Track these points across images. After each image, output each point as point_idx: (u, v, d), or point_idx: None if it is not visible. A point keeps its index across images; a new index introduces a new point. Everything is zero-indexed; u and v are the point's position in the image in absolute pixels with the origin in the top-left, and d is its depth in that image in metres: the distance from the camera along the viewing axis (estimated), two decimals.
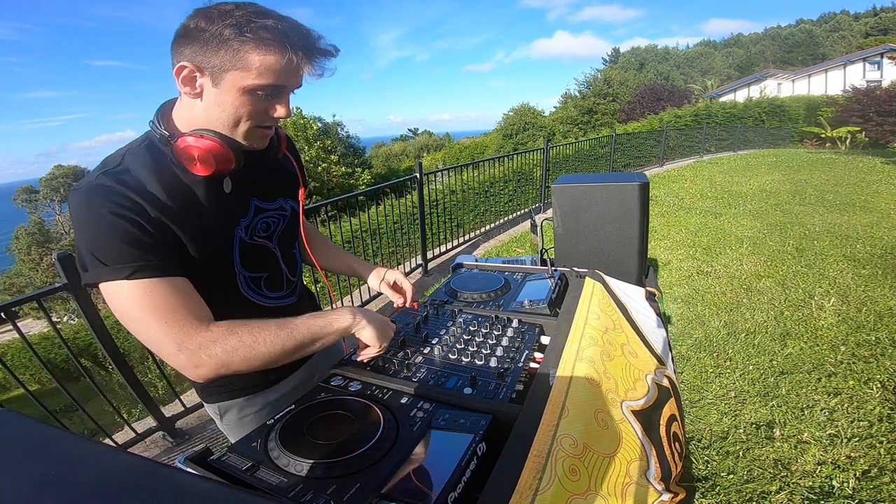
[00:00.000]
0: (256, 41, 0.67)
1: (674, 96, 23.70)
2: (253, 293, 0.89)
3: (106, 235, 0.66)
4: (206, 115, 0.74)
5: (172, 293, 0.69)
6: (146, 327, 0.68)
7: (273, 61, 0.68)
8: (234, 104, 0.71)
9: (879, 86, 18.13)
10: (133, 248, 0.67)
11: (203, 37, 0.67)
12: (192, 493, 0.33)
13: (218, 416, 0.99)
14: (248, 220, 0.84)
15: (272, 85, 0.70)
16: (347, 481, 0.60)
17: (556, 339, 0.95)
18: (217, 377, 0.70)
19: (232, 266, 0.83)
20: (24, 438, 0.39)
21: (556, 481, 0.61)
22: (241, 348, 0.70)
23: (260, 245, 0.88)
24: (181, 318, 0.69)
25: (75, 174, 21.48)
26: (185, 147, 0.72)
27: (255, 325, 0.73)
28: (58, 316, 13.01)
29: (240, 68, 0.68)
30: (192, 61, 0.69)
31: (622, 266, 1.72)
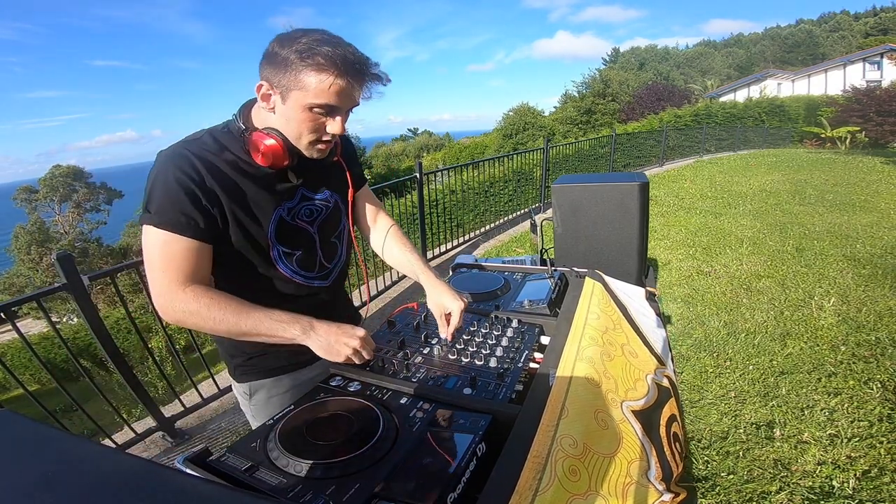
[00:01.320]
0: (314, 66, 0.79)
1: (674, 96, 23.68)
2: (285, 267, 0.98)
3: (162, 192, 0.82)
4: (278, 126, 0.87)
5: (180, 251, 0.83)
6: (150, 269, 0.85)
7: (326, 84, 0.80)
8: (297, 119, 0.85)
9: (879, 86, 18.12)
10: (173, 206, 0.82)
11: (276, 60, 0.81)
12: (191, 494, 0.33)
13: (247, 397, 1.06)
14: (293, 203, 0.97)
15: (327, 104, 0.83)
16: (347, 482, 0.60)
17: (555, 339, 0.95)
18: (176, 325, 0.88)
19: (266, 238, 0.93)
20: (23, 439, 0.38)
21: (556, 481, 0.61)
22: (195, 317, 0.83)
23: (301, 227, 0.99)
24: (173, 273, 0.83)
25: (74, 174, 21.44)
26: (256, 141, 0.87)
27: (217, 303, 0.84)
28: (58, 316, 13.00)
29: (300, 88, 0.81)
30: (268, 80, 0.83)
31: (622, 266, 1.72)
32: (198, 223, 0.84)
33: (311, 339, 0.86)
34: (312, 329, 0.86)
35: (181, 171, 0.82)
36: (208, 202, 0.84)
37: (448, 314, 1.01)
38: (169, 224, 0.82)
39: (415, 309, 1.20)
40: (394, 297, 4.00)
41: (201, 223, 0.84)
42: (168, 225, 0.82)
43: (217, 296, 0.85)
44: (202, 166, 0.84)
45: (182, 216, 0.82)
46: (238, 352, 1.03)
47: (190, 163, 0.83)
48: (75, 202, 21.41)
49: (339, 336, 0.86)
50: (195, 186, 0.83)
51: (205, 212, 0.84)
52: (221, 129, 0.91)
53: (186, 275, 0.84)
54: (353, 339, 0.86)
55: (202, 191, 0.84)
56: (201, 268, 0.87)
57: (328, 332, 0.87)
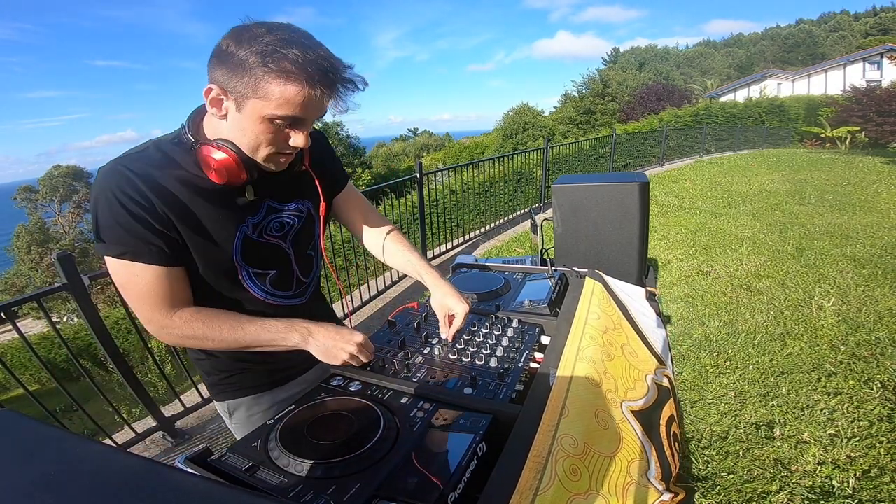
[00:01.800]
0: (279, 73, 0.68)
1: (674, 96, 23.67)
2: (258, 289, 0.91)
3: (109, 216, 0.74)
4: (229, 135, 0.77)
5: (152, 279, 0.78)
6: (128, 299, 0.81)
7: (293, 94, 0.69)
8: (255, 130, 0.74)
9: (879, 86, 18.11)
10: (127, 233, 0.74)
11: (231, 61, 0.69)
12: (192, 493, 0.33)
13: (227, 414, 1.02)
14: (259, 218, 0.87)
15: (291, 116, 0.72)
16: (347, 481, 0.60)
17: (556, 339, 0.95)
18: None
19: (231, 261, 0.85)
20: (24, 438, 0.38)
21: (557, 481, 0.61)
22: (194, 340, 0.82)
23: (271, 244, 0.90)
24: (153, 301, 0.79)
25: (74, 174, 21.44)
26: (206, 156, 0.77)
27: (210, 323, 0.82)
28: (58, 316, 13.01)
29: (261, 97, 0.70)
30: (219, 84, 0.72)
31: (622, 266, 1.72)
32: (160, 248, 0.76)
33: (310, 345, 0.86)
34: (311, 335, 0.85)
35: (123, 194, 0.72)
36: (162, 226, 0.76)
37: (451, 315, 0.99)
38: (128, 254, 0.75)
39: (415, 309, 1.20)
40: (394, 297, 4.01)
41: (164, 248, 0.77)
42: (128, 255, 0.75)
43: (208, 317, 0.82)
44: (147, 187, 0.74)
45: (139, 243, 0.75)
46: (215, 370, 0.98)
47: (133, 185, 0.73)
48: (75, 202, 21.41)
49: (336, 341, 0.85)
50: (143, 211, 0.74)
51: (161, 235, 0.76)
52: (171, 141, 0.81)
53: (167, 301, 0.80)
54: (350, 344, 0.85)
55: (152, 215, 0.74)
56: (179, 290, 0.81)
57: (326, 336, 0.86)
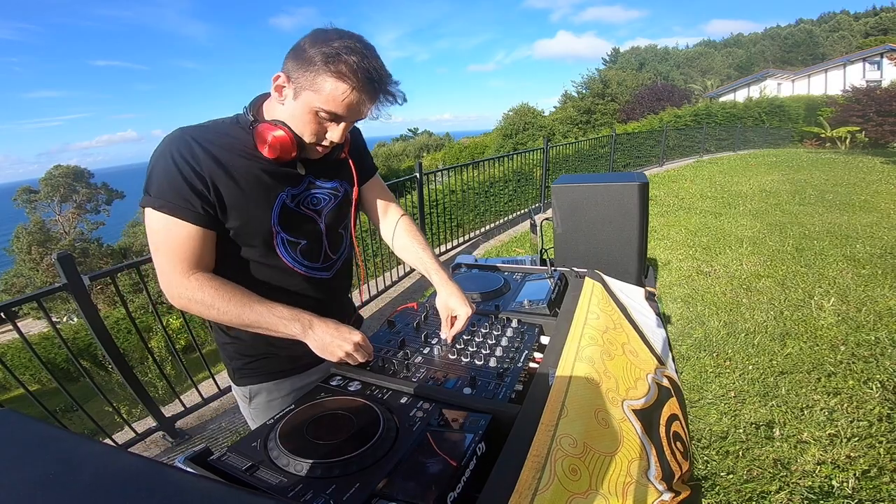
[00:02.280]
0: (335, 73, 0.78)
1: (674, 96, 23.66)
2: (288, 256, 0.96)
3: (162, 173, 0.82)
4: (283, 118, 0.86)
5: (181, 236, 0.83)
6: (154, 252, 0.86)
7: (340, 93, 0.80)
8: (302, 119, 0.84)
9: (879, 86, 18.11)
10: (171, 190, 0.82)
11: (302, 56, 0.80)
12: (192, 493, 0.33)
13: (247, 399, 1.05)
14: (299, 190, 0.95)
15: (334, 112, 0.82)
16: (347, 481, 0.60)
17: (555, 339, 0.96)
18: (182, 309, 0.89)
19: (269, 224, 0.91)
20: (25, 438, 0.39)
21: (556, 481, 0.61)
22: (200, 305, 0.85)
23: (306, 215, 0.97)
24: (176, 258, 0.84)
25: (75, 174, 21.44)
26: (262, 132, 0.85)
27: (222, 293, 0.85)
28: (58, 316, 13.01)
29: (315, 91, 0.80)
30: (287, 73, 0.82)
31: (622, 266, 1.72)
32: (197, 209, 0.83)
33: (308, 338, 0.87)
34: (311, 328, 0.87)
35: (180, 156, 0.82)
36: (205, 188, 0.83)
37: (454, 317, 1.00)
38: (169, 208, 0.82)
39: (415, 309, 1.20)
40: (394, 296, 4.01)
41: (200, 209, 0.83)
42: (168, 209, 0.82)
43: (221, 286, 0.86)
44: (201, 151, 0.83)
45: (182, 200, 0.82)
46: (239, 355, 1.02)
47: (189, 147, 0.83)
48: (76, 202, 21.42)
49: (334, 337, 0.86)
50: (193, 172, 0.82)
51: (203, 198, 0.83)
52: (230, 121, 0.91)
53: (190, 261, 0.85)
54: (348, 342, 0.86)
55: (199, 177, 0.83)
56: (204, 254, 0.87)
57: (325, 331, 0.87)
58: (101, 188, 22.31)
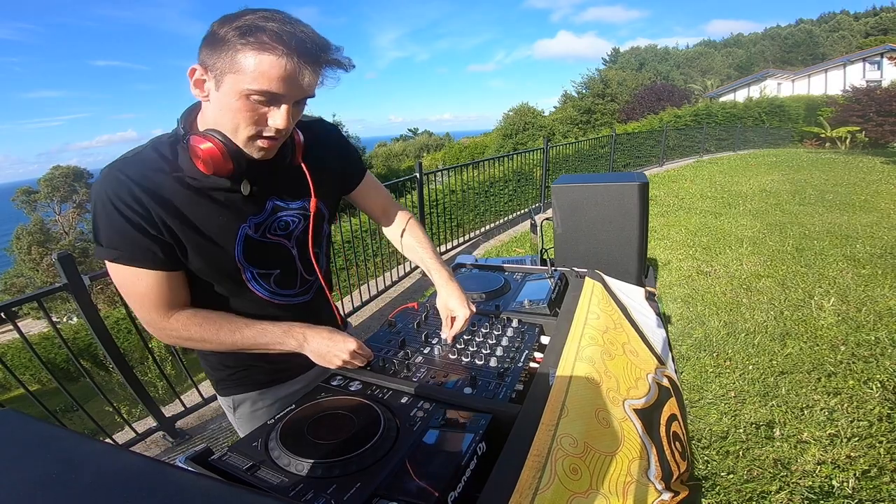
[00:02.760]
0: (255, 45, 0.66)
1: (674, 96, 23.67)
2: (261, 289, 0.90)
3: (106, 221, 0.75)
4: (213, 119, 0.76)
5: (148, 284, 0.79)
6: (127, 300, 0.84)
7: (267, 66, 0.67)
8: (233, 108, 0.72)
9: (879, 86, 18.11)
10: (122, 239, 0.75)
11: (213, 39, 0.69)
12: (193, 492, 0.33)
13: (231, 409, 1.03)
14: (262, 218, 0.86)
15: (267, 91, 0.69)
16: (347, 481, 0.60)
17: (555, 338, 0.96)
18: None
19: (234, 261, 0.84)
20: (25, 438, 0.39)
21: (557, 480, 0.61)
22: (190, 342, 0.84)
23: (274, 242, 0.89)
24: (150, 304, 0.81)
25: (74, 174, 21.44)
26: (193, 146, 0.75)
27: (207, 327, 0.83)
28: (58, 316, 13.01)
29: (236, 71, 0.68)
30: (202, 64, 0.71)
31: (622, 266, 1.72)
32: (156, 254, 0.77)
33: (306, 350, 0.87)
34: (306, 341, 0.86)
35: (120, 201, 0.73)
36: (157, 231, 0.76)
37: (454, 317, 0.99)
38: (126, 259, 0.76)
39: (415, 309, 1.20)
40: (394, 296, 4.01)
41: (160, 253, 0.77)
42: (125, 260, 0.76)
43: (204, 320, 0.83)
44: (143, 192, 0.74)
45: (136, 249, 0.75)
46: (222, 366, 0.99)
47: (128, 189, 0.73)
48: (76, 202, 21.42)
49: (330, 347, 0.86)
50: (137, 215, 0.74)
51: (158, 241, 0.76)
52: (168, 140, 0.80)
53: (164, 305, 0.81)
54: (344, 352, 0.86)
55: (147, 221, 0.74)
56: (178, 293, 0.83)
57: (320, 342, 0.86)
58: None
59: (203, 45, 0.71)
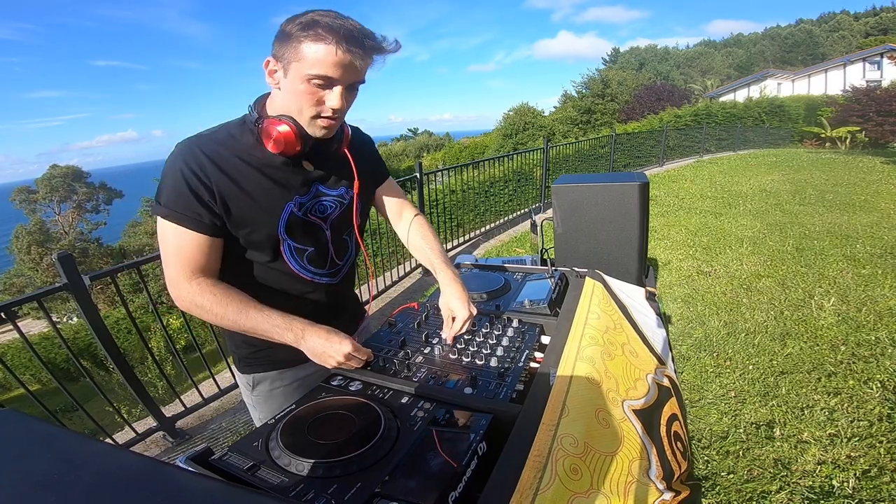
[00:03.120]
0: (313, 36, 0.79)
1: (674, 96, 23.66)
2: (295, 263, 0.98)
3: (171, 184, 0.86)
4: (283, 103, 0.88)
5: (187, 243, 0.87)
6: (162, 256, 0.90)
7: (323, 54, 0.79)
8: (297, 91, 0.84)
9: (879, 86, 18.12)
10: (180, 201, 0.85)
11: (282, 35, 0.82)
12: (194, 492, 0.33)
13: (249, 388, 1.08)
14: (306, 199, 0.96)
15: (324, 75, 0.81)
16: (348, 481, 0.60)
17: (556, 338, 0.96)
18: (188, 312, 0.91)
19: (276, 232, 0.93)
20: (26, 437, 0.39)
21: (557, 480, 0.61)
22: (200, 309, 0.89)
23: (312, 222, 0.98)
24: (180, 264, 0.88)
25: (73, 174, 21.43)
26: (267, 128, 0.87)
27: (220, 298, 0.88)
28: (58, 316, 13.01)
29: (300, 59, 0.81)
30: (274, 56, 0.84)
31: (622, 266, 1.72)
32: (203, 219, 0.86)
33: (302, 346, 0.89)
34: (303, 338, 0.88)
35: (188, 168, 0.85)
36: (212, 199, 0.87)
37: (455, 318, 0.99)
38: (175, 217, 0.86)
39: (415, 308, 1.20)
40: (394, 296, 4.01)
41: (207, 220, 0.87)
42: (175, 218, 0.86)
43: (221, 292, 0.88)
44: (209, 162, 0.86)
45: (189, 211, 0.85)
46: (245, 344, 1.05)
47: (197, 159, 0.86)
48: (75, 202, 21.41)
49: (325, 348, 0.87)
50: (200, 183, 0.85)
51: (209, 209, 0.87)
52: (237, 123, 0.93)
53: (194, 267, 0.88)
54: (338, 354, 0.87)
55: (207, 189, 0.86)
56: (210, 260, 0.90)
57: (316, 342, 0.88)
58: (100, 188, 22.30)
59: (275, 40, 0.84)
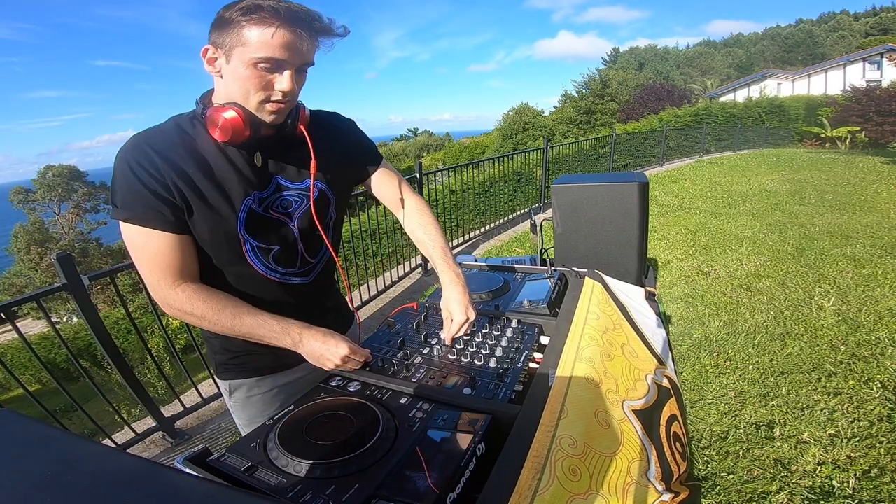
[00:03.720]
0: (256, 19, 0.76)
1: (674, 96, 23.66)
2: (260, 264, 0.93)
3: (124, 185, 0.81)
4: (226, 91, 0.84)
5: (159, 246, 0.83)
6: (137, 265, 0.86)
7: (268, 36, 0.77)
8: (242, 77, 0.81)
9: (879, 86, 18.12)
10: (136, 200, 0.80)
11: (220, 22, 0.79)
12: (190, 494, 0.33)
13: (227, 393, 1.06)
14: (266, 194, 0.91)
15: (270, 58, 0.79)
16: (346, 481, 0.60)
17: (555, 339, 0.95)
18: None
19: (235, 231, 0.88)
20: (23, 438, 0.38)
21: (556, 481, 0.61)
22: (192, 317, 0.85)
23: (275, 219, 0.93)
24: (158, 270, 0.84)
25: (72, 174, 21.42)
26: (211, 115, 0.83)
27: (211, 305, 0.85)
28: (57, 316, 13.01)
29: (243, 44, 0.78)
30: (213, 44, 0.81)
31: (622, 266, 1.72)
32: (166, 216, 0.82)
33: (300, 350, 0.88)
34: (301, 342, 0.87)
35: (139, 165, 0.80)
36: (170, 195, 0.82)
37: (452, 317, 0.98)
38: (139, 219, 0.81)
39: (415, 309, 1.20)
40: (394, 296, 4.01)
41: (171, 216, 0.82)
42: (139, 220, 0.81)
43: (210, 297, 0.86)
44: (159, 158, 0.81)
45: (150, 210, 0.81)
46: (223, 349, 1.02)
47: (146, 155, 0.81)
48: (75, 202, 21.41)
49: (323, 350, 0.86)
50: (154, 180, 0.80)
51: (170, 204, 0.82)
52: (187, 116, 0.89)
53: (173, 271, 0.84)
54: (336, 356, 0.86)
55: (162, 184, 0.81)
56: (187, 261, 0.86)
57: (313, 345, 0.87)
58: (99, 188, 22.30)
59: (212, 28, 0.81)
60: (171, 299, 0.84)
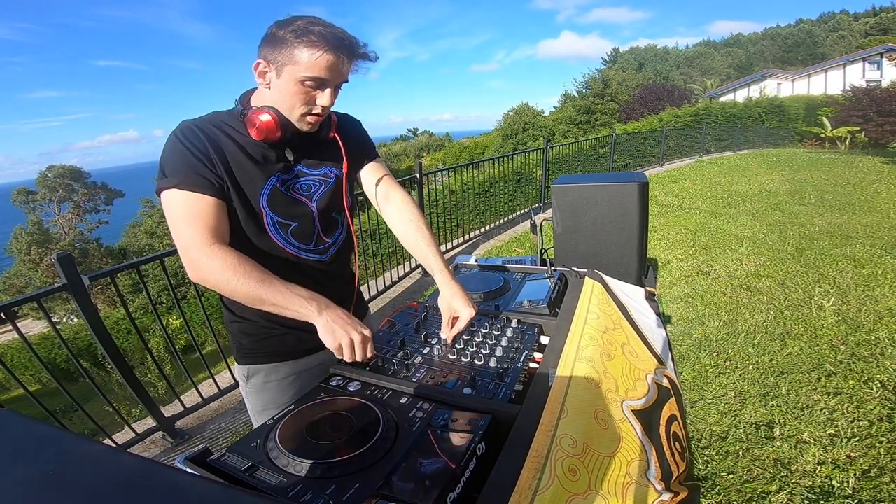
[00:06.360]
0: (307, 43, 0.87)
1: (673, 96, 23.65)
2: (279, 237, 1.01)
3: (173, 156, 0.91)
4: (271, 100, 0.95)
5: (199, 207, 0.90)
6: (177, 227, 0.90)
7: (317, 58, 0.88)
8: (290, 92, 0.92)
9: (879, 86, 18.12)
10: (186, 167, 0.90)
11: (273, 40, 0.89)
12: (190, 493, 0.33)
13: (244, 378, 1.11)
14: (288, 176, 1.02)
15: (316, 77, 0.90)
16: (346, 481, 0.60)
17: (555, 339, 0.95)
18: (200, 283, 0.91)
19: (258, 204, 0.97)
20: (23, 438, 0.39)
21: (556, 481, 0.61)
22: (220, 279, 0.88)
23: (296, 199, 1.03)
24: (200, 228, 0.89)
25: (72, 174, 21.41)
26: (251, 117, 0.94)
27: (240, 267, 0.88)
28: (57, 316, 13.00)
29: (294, 63, 0.89)
30: (265, 58, 0.91)
31: (622, 266, 1.72)
32: (211, 181, 0.91)
33: (321, 318, 0.87)
34: (326, 309, 0.88)
35: (186, 139, 0.91)
36: (211, 164, 0.92)
37: (456, 317, 1.00)
38: (186, 184, 0.89)
39: (415, 308, 1.20)
40: (394, 296, 4.01)
41: (214, 181, 0.92)
42: (185, 185, 0.89)
43: (241, 260, 0.89)
44: (203, 135, 0.93)
45: (197, 176, 0.90)
46: (242, 334, 1.08)
47: (193, 132, 0.93)
48: (75, 202, 21.40)
49: (345, 325, 0.87)
50: (199, 151, 0.91)
51: (212, 171, 0.92)
52: (226, 112, 1.01)
53: (211, 230, 0.90)
54: (356, 332, 0.86)
55: (205, 155, 0.92)
56: (221, 224, 0.93)
57: (336, 315, 0.88)
58: (100, 188, 22.29)
59: (264, 44, 0.91)
60: (204, 255, 0.88)
